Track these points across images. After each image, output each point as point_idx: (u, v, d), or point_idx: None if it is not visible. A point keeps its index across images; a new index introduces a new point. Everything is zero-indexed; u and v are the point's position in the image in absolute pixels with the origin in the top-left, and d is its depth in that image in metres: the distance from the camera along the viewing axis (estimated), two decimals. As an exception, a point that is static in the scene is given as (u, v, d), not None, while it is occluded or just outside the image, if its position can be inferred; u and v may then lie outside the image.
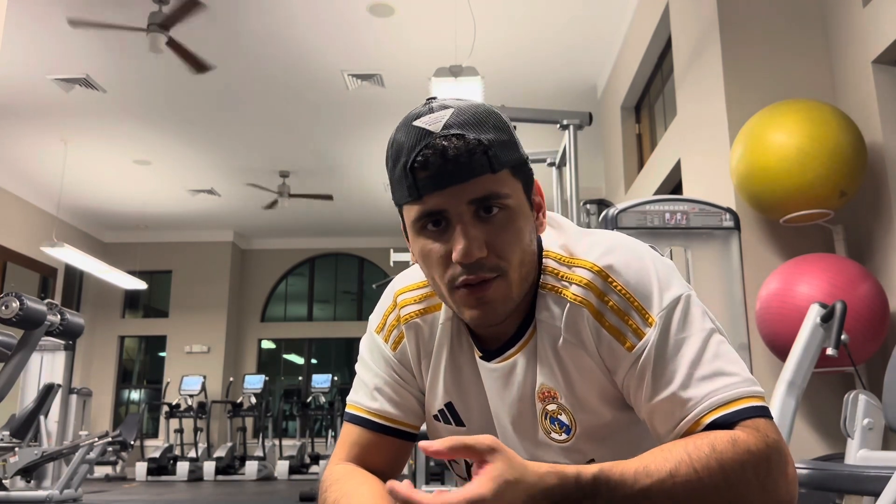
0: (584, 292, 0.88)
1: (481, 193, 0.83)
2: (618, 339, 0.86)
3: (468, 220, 0.83)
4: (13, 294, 4.69)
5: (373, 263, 11.26)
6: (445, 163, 0.81)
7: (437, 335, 0.99)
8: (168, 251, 10.98)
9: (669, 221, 3.06)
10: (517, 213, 0.86)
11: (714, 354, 0.83)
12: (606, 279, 0.87)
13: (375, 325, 1.05)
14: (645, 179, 5.25)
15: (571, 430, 0.92)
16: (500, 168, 0.84)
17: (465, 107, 0.86)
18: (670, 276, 0.88)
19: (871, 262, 3.15)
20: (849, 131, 3.00)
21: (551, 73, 6.25)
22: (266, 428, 9.79)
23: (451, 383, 0.99)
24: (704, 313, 0.87)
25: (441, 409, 1.00)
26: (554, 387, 0.91)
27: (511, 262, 0.85)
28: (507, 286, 0.86)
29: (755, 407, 0.80)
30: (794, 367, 2.57)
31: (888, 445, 2.60)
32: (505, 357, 0.93)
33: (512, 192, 0.85)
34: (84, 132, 7.45)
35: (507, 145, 0.86)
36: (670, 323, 0.85)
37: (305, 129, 7.45)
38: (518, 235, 0.86)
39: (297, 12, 5.34)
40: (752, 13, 3.59)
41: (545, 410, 0.93)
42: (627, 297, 0.86)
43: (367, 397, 1.02)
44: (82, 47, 5.78)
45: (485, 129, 0.84)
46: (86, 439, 5.69)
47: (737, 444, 0.77)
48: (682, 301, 0.86)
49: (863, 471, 1.75)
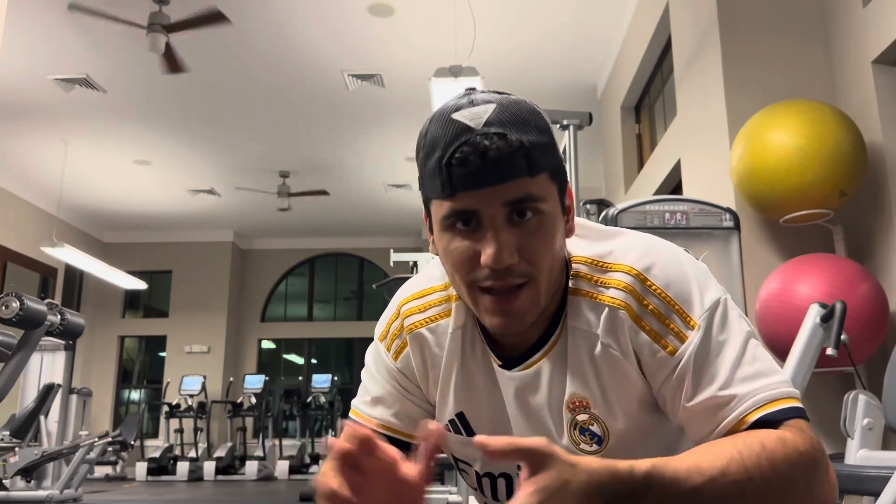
0: (623, 296, 0.85)
1: (517, 196, 0.79)
2: (658, 343, 0.84)
3: (501, 224, 0.80)
4: (13, 294, 4.69)
5: (373, 263, 11.26)
6: (485, 162, 0.77)
7: (447, 344, 0.96)
8: (168, 251, 10.98)
9: (669, 221, 3.06)
10: (551, 218, 0.83)
11: (753, 356, 0.82)
12: (645, 282, 0.85)
13: (379, 333, 1.03)
14: (645, 179, 5.25)
15: (604, 440, 0.89)
16: (538, 172, 0.80)
17: (508, 104, 0.82)
18: (707, 278, 0.87)
19: (871, 262, 3.15)
20: (849, 131, 3.00)
21: (551, 72, 6.25)
22: (266, 428, 9.79)
23: (463, 393, 0.96)
24: (741, 316, 0.86)
25: (452, 420, 0.98)
26: (587, 395, 0.88)
27: (541, 269, 0.82)
28: (535, 294, 0.83)
29: (797, 408, 0.79)
30: (794, 367, 2.57)
31: (888, 445, 2.60)
32: (528, 364, 0.90)
33: (548, 196, 0.82)
34: (84, 132, 7.45)
35: (547, 148, 0.82)
36: (711, 326, 0.83)
37: (305, 129, 7.45)
38: (550, 242, 0.83)
39: (298, 12, 5.34)
40: (752, 13, 3.59)
41: (574, 420, 0.90)
42: (667, 300, 0.84)
43: (367, 405, 1.01)
44: (82, 47, 5.78)
45: (527, 130, 0.80)
46: (86, 439, 5.69)
47: (786, 443, 0.75)
48: (722, 304, 0.85)
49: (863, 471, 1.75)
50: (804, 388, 2.58)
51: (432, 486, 0.80)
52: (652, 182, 4.98)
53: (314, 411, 9.89)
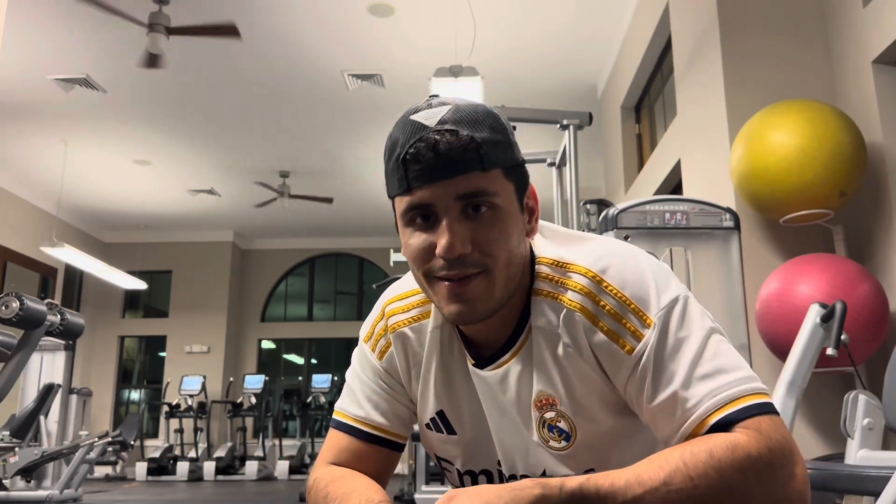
0: (579, 298, 0.87)
1: (469, 190, 0.82)
2: (616, 343, 0.85)
3: (455, 216, 0.83)
4: (13, 294, 4.69)
5: (373, 263, 11.26)
6: (436, 157, 0.81)
7: (427, 343, 0.97)
8: (168, 251, 10.98)
9: (669, 221, 3.06)
10: (505, 213, 0.85)
11: (714, 353, 0.82)
12: (600, 283, 0.86)
13: (364, 334, 1.05)
14: (645, 179, 5.25)
15: (571, 437, 0.90)
16: (490, 166, 0.83)
17: (464, 105, 0.85)
18: (667, 278, 0.87)
19: (871, 262, 3.15)
20: (849, 131, 3.00)
21: (551, 72, 6.25)
22: (266, 428, 9.79)
23: (442, 391, 0.98)
24: (703, 313, 0.86)
25: (433, 418, 0.99)
26: (553, 394, 0.90)
27: (496, 261, 0.84)
28: (489, 284, 0.85)
29: (758, 404, 0.79)
30: (794, 367, 2.57)
31: (888, 445, 2.60)
32: (498, 364, 0.92)
33: (501, 191, 0.85)
34: (84, 132, 7.45)
35: (500, 145, 0.85)
36: (669, 323, 0.83)
37: (305, 129, 7.45)
38: (505, 235, 0.85)
39: (298, 12, 5.34)
40: (752, 13, 3.59)
41: (542, 418, 0.91)
42: (623, 299, 0.85)
43: (353, 405, 1.02)
44: (82, 47, 5.78)
45: (479, 128, 0.83)
46: (86, 439, 5.69)
47: (736, 449, 0.75)
48: (680, 301, 0.85)
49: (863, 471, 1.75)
50: (804, 388, 2.58)
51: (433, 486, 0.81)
52: (652, 182, 4.98)
53: (314, 411, 9.89)
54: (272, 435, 10.02)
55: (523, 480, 0.74)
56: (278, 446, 9.84)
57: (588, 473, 0.83)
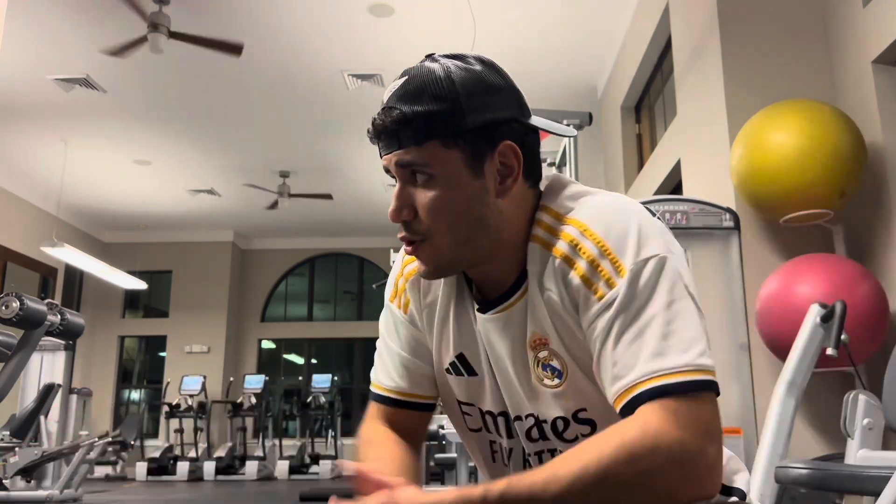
0: (565, 246, 0.89)
1: (404, 162, 0.90)
2: (589, 289, 0.86)
3: (402, 183, 0.91)
4: (13, 294, 4.69)
5: (373, 263, 11.26)
6: (378, 134, 0.91)
7: (441, 289, 1.02)
8: (168, 251, 10.98)
9: (669, 221, 3.06)
10: (445, 181, 0.89)
11: (671, 318, 0.82)
12: (584, 231, 0.88)
13: (389, 293, 1.09)
14: (645, 179, 5.25)
15: (563, 374, 0.93)
16: (424, 140, 0.88)
17: (416, 75, 0.92)
18: (653, 234, 0.87)
19: (871, 262, 3.15)
20: (849, 131, 2.99)
21: (551, 72, 6.25)
22: (266, 428, 9.80)
23: (461, 334, 1.01)
24: (680, 277, 0.85)
25: (452, 362, 1.02)
26: (545, 334, 0.93)
27: (437, 228, 0.90)
28: (433, 250, 0.92)
29: (690, 382, 0.79)
30: (794, 367, 2.57)
31: (888, 445, 2.60)
32: (502, 308, 0.95)
33: (438, 162, 0.89)
34: (84, 132, 7.45)
35: (440, 116, 0.88)
36: (640, 276, 0.84)
37: (305, 130, 7.45)
38: (444, 203, 0.89)
39: (298, 13, 5.34)
40: (752, 13, 3.59)
41: (537, 358, 0.94)
42: (601, 246, 0.86)
43: (383, 375, 1.07)
44: (82, 47, 5.78)
45: (419, 101, 0.89)
46: (86, 439, 5.69)
47: (646, 433, 0.76)
48: (658, 260, 0.85)
49: (863, 471, 1.75)
50: (804, 388, 2.58)
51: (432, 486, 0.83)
52: (652, 182, 4.98)
53: (314, 411, 9.89)
54: (272, 435, 10.02)
55: (448, 489, 0.79)
56: (278, 446, 9.84)
57: (580, 412, 0.93)
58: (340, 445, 9.90)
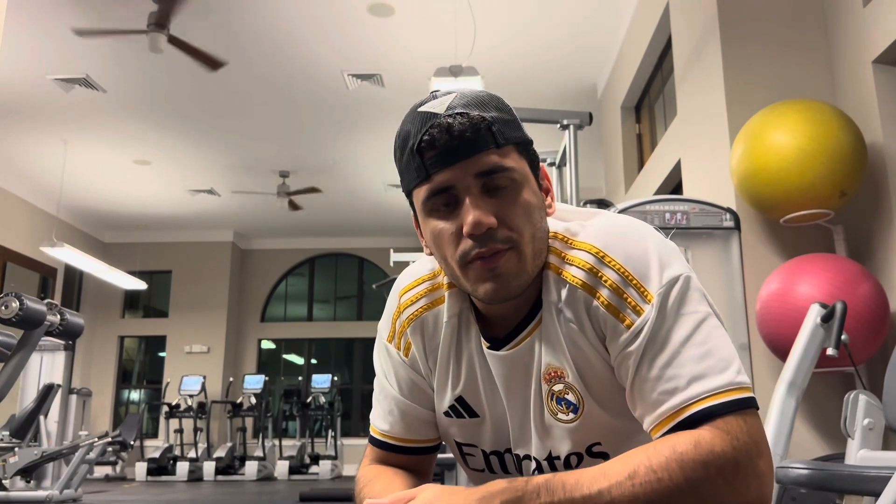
0: (582, 274, 0.87)
1: (487, 167, 0.84)
2: (617, 318, 0.85)
3: (476, 194, 0.84)
4: (13, 294, 4.69)
5: (373, 263, 11.25)
6: (451, 139, 0.83)
7: (444, 332, 0.98)
8: (168, 251, 10.98)
9: (669, 221, 3.06)
10: (525, 186, 0.87)
11: (704, 339, 0.82)
12: (603, 259, 0.87)
13: (386, 333, 1.04)
14: (645, 179, 5.25)
15: (579, 408, 0.91)
16: (504, 143, 0.85)
17: (468, 91, 0.88)
18: (671, 255, 0.87)
19: (871, 262, 3.15)
20: (849, 131, 2.99)
21: (551, 72, 6.25)
22: (266, 428, 9.79)
23: (461, 377, 0.98)
24: (703, 296, 0.86)
25: (452, 405, 0.99)
26: (561, 366, 0.90)
27: (522, 235, 0.85)
28: (518, 258, 0.85)
29: (735, 401, 0.79)
30: (795, 367, 2.56)
31: (888, 445, 2.60)
32: (515, 343, 0.92)
33: (518, 167, 0.86)
34: (84, 132, 7.45)
35: (510, 124, 0.87)
36: (667, 300, 0.83)
37: (305, 130, 7.45)
38: (527, 209, 0.86)
39: (297, 12, 5.34)
40: (752, 13, 3.59)
41: (551, 391, 0.92)
42: (625, 273, 0.85)
43: (380, 419, 1.05)
44: (82, 47, 5.78)
45: (487, 109, 0.86)
46: (86, 439, 5.69)
47: (700, 445, 0.76)
48: (682, 281, 0.85)
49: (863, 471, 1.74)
50: (804, 388, 2.58)
51: None
52: (652, 182, 4.98)
53: (314, 411, 9.89)
54: (272, 435, 10.01)
55: (493, 481, 0.78)
56: (278, 446, 9.83)
57: (594, 446, 0.88)
58: (340, 445, 9.90)
